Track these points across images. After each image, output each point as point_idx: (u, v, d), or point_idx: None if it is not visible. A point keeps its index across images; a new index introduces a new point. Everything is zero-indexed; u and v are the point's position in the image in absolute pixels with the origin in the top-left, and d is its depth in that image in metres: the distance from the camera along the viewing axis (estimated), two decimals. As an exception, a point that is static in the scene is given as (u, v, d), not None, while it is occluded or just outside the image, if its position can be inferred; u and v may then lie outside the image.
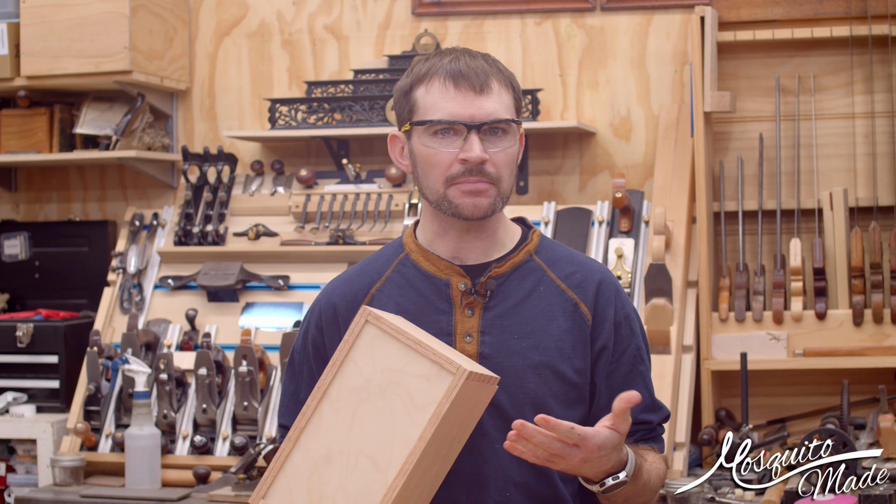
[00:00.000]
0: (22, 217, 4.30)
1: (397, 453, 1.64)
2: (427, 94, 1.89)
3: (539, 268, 1.96)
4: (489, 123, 1.87)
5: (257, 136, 3.90)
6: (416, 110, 1.91)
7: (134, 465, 3.34)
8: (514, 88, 1.92)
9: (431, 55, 1.94)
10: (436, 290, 1.92)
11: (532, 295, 1.93)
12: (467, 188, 1.87)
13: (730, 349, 3.41)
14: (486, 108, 1.86)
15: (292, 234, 3.77)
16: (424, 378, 1.66)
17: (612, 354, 1.94)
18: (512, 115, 1.90)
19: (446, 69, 1.88)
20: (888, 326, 3.36)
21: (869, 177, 3.56)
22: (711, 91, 3.44)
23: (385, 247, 2.03)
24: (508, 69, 1.95)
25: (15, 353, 3.78)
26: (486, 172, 1.87)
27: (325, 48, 4.00)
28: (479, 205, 1.88)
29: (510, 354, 1.89)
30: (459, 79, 1.87)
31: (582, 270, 1.97)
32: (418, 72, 1.92)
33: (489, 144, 1.87)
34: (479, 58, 1.90)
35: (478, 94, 1.86)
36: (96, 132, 3.96)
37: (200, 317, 3.70)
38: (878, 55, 3.55)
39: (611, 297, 1.96)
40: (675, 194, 3.53)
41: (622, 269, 3.45)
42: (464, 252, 1.94)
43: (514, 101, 1.91)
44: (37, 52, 3.84)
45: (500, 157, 1.88)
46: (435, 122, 1.87)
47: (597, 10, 3.81)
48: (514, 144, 1.90)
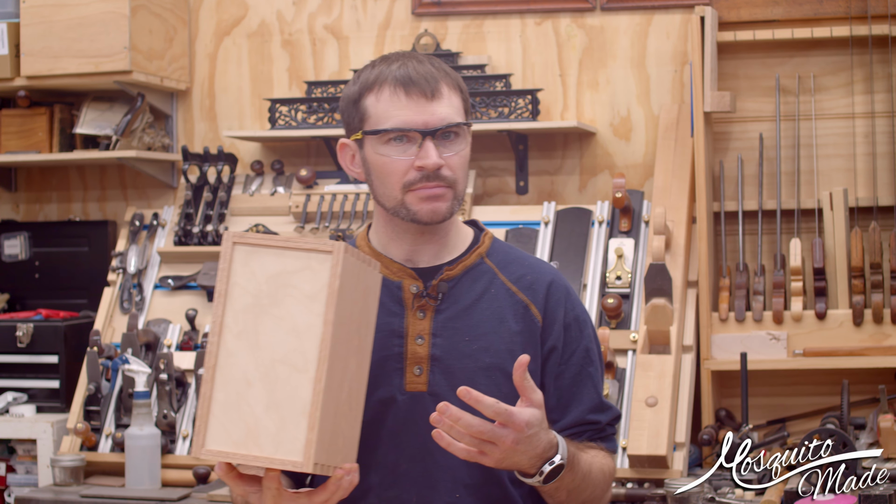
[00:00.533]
0: (22, 217, 4.30)
1: (309, 348, 1.65)
2: (378, 103, 1.89)
3: (490, 270, 1.97)
4: (443, 129, 1.88)
5: (257, 136, 3.90)
6: (367, 119, 1.91)
7: (134, 465, 3.34)
8: (462, 90, 1.93)
9: (377, 62, 1.94)
10: (388, 292, 1.93)
11: (483, 297, 1.94)
12: (425, 194, 1.89)
13: (730, 349, 3.41)
14: (438, 114, 1.88)
15: (292, 235, 3.77)
16: (307, 269, 1.67)
17: (562, 355, 1.95)
18: (463, 117, 1.91)
19: (395, 76, 1.88)
20: (888, 326, 3.36)
21: (869, 177, 3.56)
22: (711, 91, 3.44)
23: None
24: (456, 73, 1.96)
25: (15, 353, 3.77)
26: (442, 177, 1.88)
27: (325, 48, 4.01)
28: (437, 210, 1.90)
29: (461, 357, 1.90)
30: (410, 85, 1.87)
31: (532, 273, 1.98)
32: (366, 80, 1.91)
33: (444, 149, 1.88)
34: (426, 62, 1.91)
35: (429, 100, 1.87)
36: (96, 132, 3.96)
37: (200, 317, 3.70)
38: (878, 55, 3.55)
39: (561, 299, 1.97)
40: (675, 194, 3.53)
41: (622, 269, 3.45)
42: (416, 255, 1.96)
43: (463, 104, 1.93)
44: (37, 52, 3.84)
45: (454, 160, 1.89)
46: (389, 130, 1.88)
47: (597, 10, 3.81)
48: (466, 146, 1.92)
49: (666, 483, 3.01)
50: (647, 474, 3.15)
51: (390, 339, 1.92)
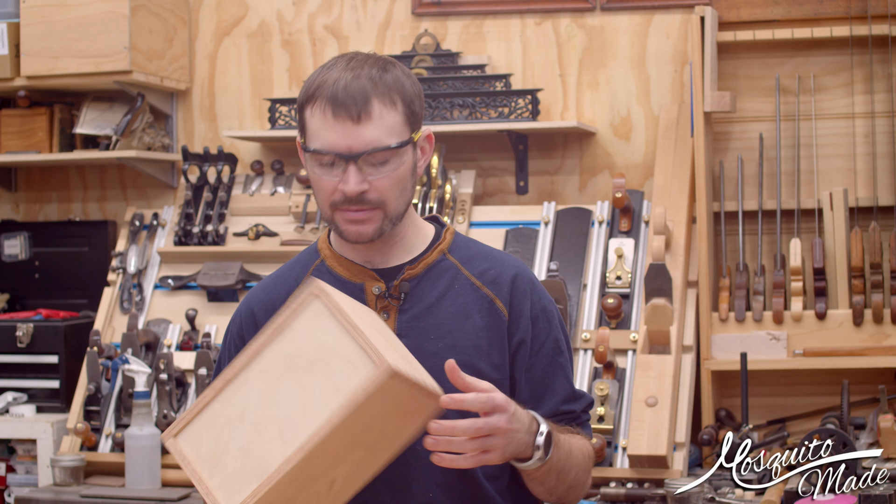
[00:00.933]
0: (22, 217, 4.30)
1: (304, 429, 1.62)
2: (312, 119, 1.86)
3: (453, 266, 1.96)
4: (366, 154, 1.83)
5: (257, 136, 3.90)
6: (305, 132, 1.88)
7: (134, 465, 3.34)
8: (404, 101, 1.86)
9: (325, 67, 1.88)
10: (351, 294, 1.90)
11: (447, 294, 1.93)
12: (349, 217, 1.86)
13: (730, 349, 3.41)
14: (364, 138, 1.82)
15: (292, 234, 3.77)
16: (350, 363, 1.63)
17: (531, 348, 1.95)
18: (399, 135, 1.85)
19: (327, 94, 1.83)
20: (888, 326, 3.36)
21: (869, 177, 3.56)
22: (711, 91, 3.44)
23: (301, 253, 2.03)
24: (400, 77, 1.87)
25: (15, 353, 3.77)
26: (367, 200, 1.84)
27: (325, 48, 4.00)
28: (362, 232, 1.88)
29: (428, 356, 1.88)
30: (337, 107, 1.82)
31: (496, 266, 1.97)
32: (309, 89, 1.87)
33: (371, 171, 1.84)
34: (363, 76, 1.84)
35: (355, 123, 1.82)
36: (96, 132, 3.96)
37: (200, 317, 3.70)
38: (878, 55, 3.55)
39: (526, 291, 1.96)
40: (675, 194, 3.53)
41: (622, 269, 3.45)
42: (374, 257, 1.94)
43: (403, 117, 1.86)
44: (37, 52, 3.84)
45: (382, 182, 1.85)
46: (314, 152, 1.85)
47: (597, 10, 3.81)
48: (401, 165, 1.86)
49: (666, 483, 3.01)
50: (647, 474, 3.15)
51: None
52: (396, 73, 1.88)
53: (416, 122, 1.89)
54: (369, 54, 1.91)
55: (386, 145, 1.84)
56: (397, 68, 1.89)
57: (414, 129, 1.89)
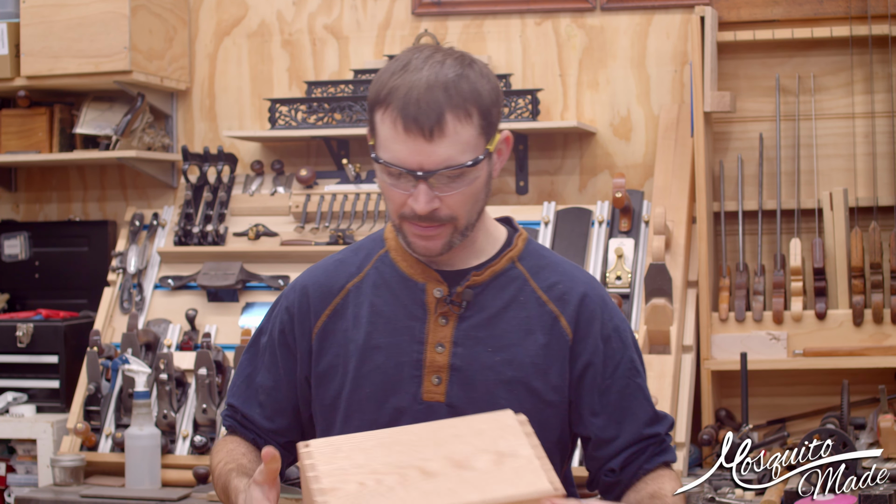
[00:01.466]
0: (22, 217, 4.30)
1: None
2: (382, 125, 1.76)
3: (521, 276, 1.88)
4: (439, 172, 1.74)
5: (257, 136, 3.90)
6: (375, 135, 1.79)
7: (134, 465, 3.34)
8: (481, 112, 1.76)
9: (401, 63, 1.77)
10: (411, 294, 1.86)
11: (511, 306, 1.86)
12: (417, 232, 1.80)
13: (730, 349, 3.41)
14: (436, 156, 1.72)
15: (292, 234, 3.77)
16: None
17: (604, 370, 1.86)
18: (475, 150, 1.75)
19: (399, 103, 1.72)
20: (888, 326, 3.36)
21: (869, 177, 3.56)
22: (711, 91, 3.44)
23: (365, 239, 1.96)
24: (477, 82, 1.76)
25: (15, 353, 3.77)
26: (436, 218, 1.77)
27: (325, 48, 4.01)
28: (430, 248, 1.81)
29: (482, 368, 1.82)
30: (409, 121, 1.71)
31: (566, 281, 1.88)
32: (380, 90, 1.77)
33: (443, 188, 1.76)
34: (436, 87, 1.72)
35: (427, 141, 1.72)
36: (96, 132, 3.96)
37: (200, 317, 3.70)
38: (878, 55, 3.55)
39: (595, 311, 1.87)
40: (675, 194, 3.53)
41: (622, 269, 3.45)
42: (442, 260, 1.86)
43: (479, 130, 1.76)
44: (37, 52, 3.84)
45: (455, 199, 1.77)
46: (385, 164, 1.76)
47: (597, 10, 3.81)
48: (475, 179, 1.78)
49: (666, 483, 3.01)
50: (647, 474, 3.15)
51: (410, 344, 1.84)
52: (473, 79, 1.76)
53: (493, 131, 1.79)
54: (448, 51, 1.80)
55: (459, 163, 1.74)
56: (475, 70, 1.78)
57: (489, 140, 1.79)
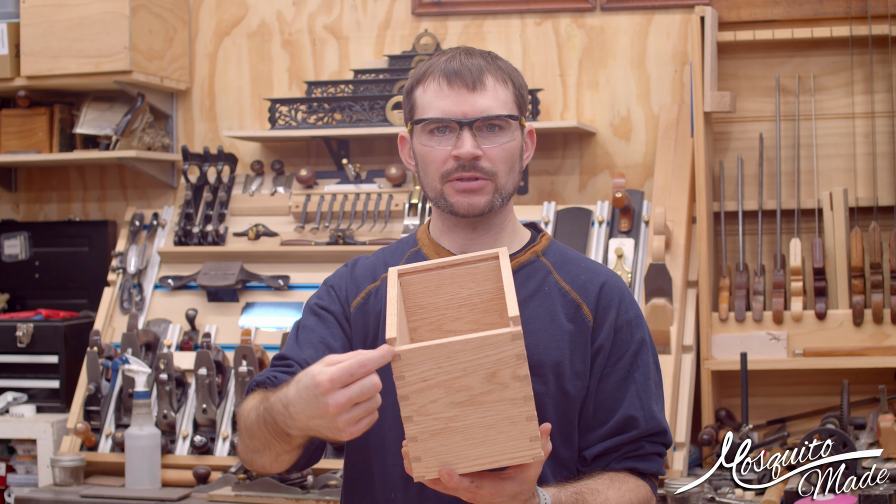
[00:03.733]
0: (22, 217, 4.30)
1: None
2: (424, 94, 1.90)
3: (545, 268, 1.95)
4: (482, 120, 1.87)
5: (257, 136, 3.90)
6: (415, 110, 1.92)
7: (134, 465, 3.34)
8: (515, 85, 1.92)
9: (434, 55, 1.95)
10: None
11: (536, 295, 1.92)
12: (461, 186, 1.88)
13: (730, 349, 3.41)
14: (478, 105, 1.87)
15: (292, 234, 3.77)
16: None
17: (609, 357, 1.91)
18: (510, 110, 1.89)
19: (442, 68, 1.89)
20: (888, 326, 3.36)
21: (869, 177, 3.56)
22: (711, 91, 3.44)
23: (401, 240, 2.05)
24: (512, 66, 1.94)
25: (15, 353, 3.78)
26: (479, 168, 1.87)
27: (325, 48, 4.01)
28: (474, 203, 1.89)
29: None
30: (453, 77, 1.87)
31: (587, 273, 1.95)
32: (418, 72, 1.93)
33: (484, 140, 1.87)
34: (476, 56, 1.91)
35: (471, 91, 1.87)
36: (96, 132, 3.96)
37: (200, 317, 3.70)
38: (878, 55, 3.55)
39: (613, 300, 1.93)
40: (675, 194, 3.53)
41: (622, 269, 3.45)
42: (472, 247, 1.94)
43: (514, 98, 1.91)
44: (37, 52, 3.85)
45: (495, 152, 1.88)
46: (428, 119, 1.88)
47: (597, 10, 3.81)
48: (512, 140, 1.90)
49: (666, 483, 3.01)
50: (647, 474, 3.15)
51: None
52: (506, 63, 1.94)
53: (524, 110, 1.94)
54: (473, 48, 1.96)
55: (499, 114, 1.87)
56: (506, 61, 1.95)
57: (522, 114, 1.93)
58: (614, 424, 1.89)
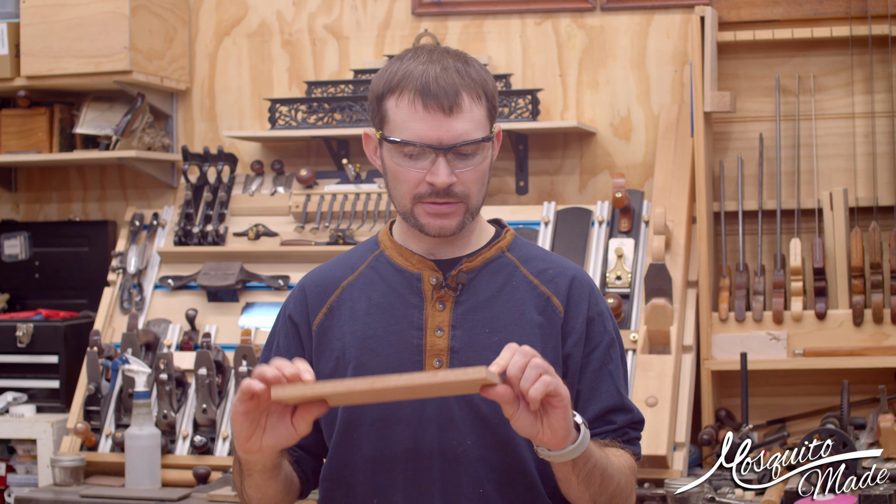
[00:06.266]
0: (22, 217, 4.30)
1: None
2: (397, 110, 1.86)
3: (511, 263, 1.96)
4: (458, 146, 1.84)
5: (257, 136, 3.90)
6: (386, 122, 1.88)
7: (134, 465, 3.34)
8: (487, 97, 1.88)
9: (405, 56, 1.89)
10: (407, 284, 1.93)
11: (504, 290, 1.93)
12: (433, 210, 1.87)
13: (730, 349, 3.41)
14: (454, 131, 1.84)
15: (292, 234, 3.77)
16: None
17: (584, 348, 1.94)
18: (484, 130, 1.87)
19: (416, 84, 1.84)
20: (888, 326, 3.36)
21: (869, 177, 3.56)
22: (711, 91, 3.44)
23: (361, 244, 2.04)
24: (481, 72, 1.89)
25: (15, 353, 3.78)
26: (453, 193, 1.86)
27: (325, 48, 4.01)
28: (445, 226, 1.89)
29: (481, 349, 1.89)
30: (428, 98, 1.83)
31: (555, 267, 1.97)
32: (390, 79, 1.88)
33: (458, 164, 1.86)
34: (450, 69, 1.85)
35: (446, 115, 1.83)
36: (96, 132, 3.96)
37: (200, 317, 3.70)
38: (878, 55, 3.55)
39: (584, 293, 1.95)
40: (675, 194, 3.53)
41: (622, 269, 3.45)
42: (436, 250, 1.95)
43: (487, 112, 1.88)
44: (37, 52, 3.84)
45: (468, 175, 1.87)
46: (402, 143, 1.85)
47: (597, 10, 3.81)
48: (485, 159, 1.89)
49: (666, 483, 3.01)
50: (647, 474, 3.15)
51: (409, 331, 1.91)
52: (478, 68, 1.89)
53: (494, 118, 1.92)
54: (447, 48, 1.93)
55: (475, 138, 1.85)
56: (477, 63, 1.91)
57: (493, 121, 1.91)
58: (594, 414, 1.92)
